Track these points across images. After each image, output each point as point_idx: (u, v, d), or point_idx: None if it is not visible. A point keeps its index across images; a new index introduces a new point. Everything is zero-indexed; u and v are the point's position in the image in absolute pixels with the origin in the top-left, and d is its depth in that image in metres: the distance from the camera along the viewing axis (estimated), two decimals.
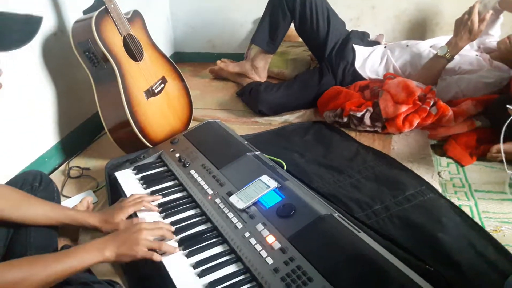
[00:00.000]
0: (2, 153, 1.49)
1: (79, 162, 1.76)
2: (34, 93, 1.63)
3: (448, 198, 1.39)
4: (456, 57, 1.90)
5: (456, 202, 1.38)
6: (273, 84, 2.16)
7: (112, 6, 1.56)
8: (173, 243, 1.07)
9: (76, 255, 0.90)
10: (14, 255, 1.01)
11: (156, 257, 0.99)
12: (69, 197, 1.52)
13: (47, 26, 1.69)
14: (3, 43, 0.74)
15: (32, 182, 1.19)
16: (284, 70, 2.50)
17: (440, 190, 1.43)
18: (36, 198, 1.09)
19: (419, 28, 2.57)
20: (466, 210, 1.34)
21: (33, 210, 1.06)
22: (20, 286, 0.79)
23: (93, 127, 1.96)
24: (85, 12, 1.61)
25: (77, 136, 1.88)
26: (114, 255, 0.95)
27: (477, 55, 2.00)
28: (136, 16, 1.72)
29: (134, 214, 1.19)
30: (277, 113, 2.08)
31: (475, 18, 1.78)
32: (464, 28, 1.81)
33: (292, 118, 2.04)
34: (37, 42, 1.63)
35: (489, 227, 1.28)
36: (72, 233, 1.25)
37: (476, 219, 1.31)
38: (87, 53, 1.56)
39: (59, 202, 1.26)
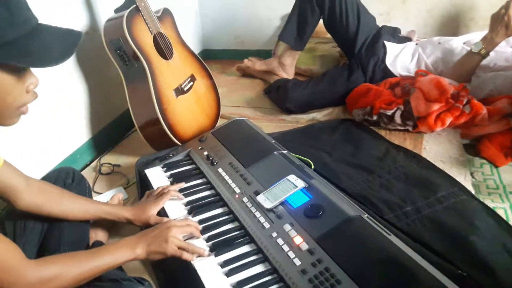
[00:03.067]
0: (36, 150, 1.54)
1: (110, 159, 1.80)
2: (67, 91, 1.67)
3: (482, 200, 1.34)
4: (491, 53, 1.83)
5: (489, 204, 1.34)
6: (301, 82, 2.14)
7: (143, 4, 1.58)
8: (201, 241, 1.08)
9: (108, 253, 0.93)
10: (48, 250, 1.05)
11: (186, 256, 1.00)
12: (100, 193, 1.55)
13: (80, 25, 1.72)
14: (44, 59, 0.73)
15: (65, 178, 1.22)
16: (311, 67, 2.48)
17: (473, 192, 1.39)
18: (72, 194, 1.13)
19: (453, 23, 2.49)
20: (501, 212, 1.30)
21: (73, 205, 1.10)
22: (54, 282, 0.81)
23: (123, 124, 2.00)
24: (116, 11, 1.64)
25: (108, 133, 1.92)
26: (144, 252, 0.97)
27: None
28: (166, 14, 1.74)
29: (163, 209, 1.22)
30: (304, 110, 2.07)
31: None
32: (501, 23, 1.75)
33: (320, 116, 2.02)
34: None
35: None
36: (105, 228, 1.28)
37: (511, 222, 1.26)
38: (118, 51, 1.59)
39: (90, 198, 1.29)
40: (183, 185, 1.32)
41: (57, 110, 1.62)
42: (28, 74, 0.77)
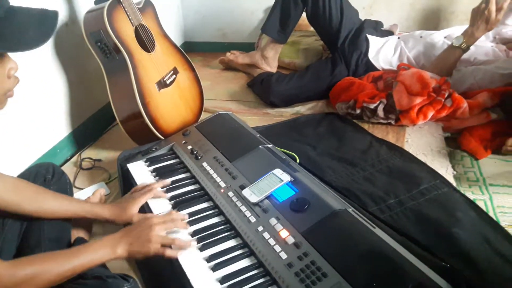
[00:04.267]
0: (15, 145, 1.50)
1: (91, 153, 1.77)
2: (45, 84, 1.63)
3: (463, 192, 1.37)
4: (472, 47, 1.86)
5: (470, 196, 1.36)
6: (285, 75, 2.14)
7: None
8: (186, 236, 1.07)
9: (88, 252, 0.91)
10: (28, 247, 1.02)
11: (170, 252, 0.99)
12: (82, 188, 1.52)
13: (59, 17, 1.67)
14: (20, 42, 0.72)
15: (45, 174, 1.19)
16: (295, 60, 2.48)
17: (454, 184, 1.41)
18: (51, 192, 1.09)
19: (434, 17, 2.52)
20: (481, 204, 1.33)
21: (49, 203, 1.06)
22: (32, 282, 0.79)
23: (104, 118, 1.96)
24: (96, 2, 1.60)
25: (89, 127, 1.89)
26: (126, 252, 0.95)
27: (492, 45, 1.96)
28: (148, 6, 1.71)
29: (146, 205, 1.19)
30: (288, 104, 2.06)
31: (493, 7, 1.74)
32: (481, 18, 1.77)
33: (303, 109, 2.02)
34: None
35: (504, 222, 1.26)
36: (86, 225, 1.25)
37: (491, 214, 1.29)
38: (99, 43, 1.56)
39: (71, 194, 1.27)
40: (168, 182, 1.29)
41: (36, 104, 1.58)
42: (7, 59, 0.76)
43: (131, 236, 0.98)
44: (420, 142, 1.68)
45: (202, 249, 1.03)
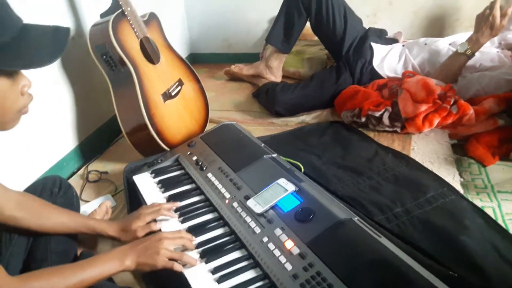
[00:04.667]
0: (22, 158, 1.51)
1: (97, 166, 1.78)
2: (52, 97, 1.65)
3: (470, 200, 1.35)
4: (477, 54, 1.85)
5: (478, 203, 1.35)
6: (290, 85, 2.14)
7: (129, 9, 1.56)
8: (194, 254, 1.06)
9: (96, 265, 0.91)
10: (35, 262, 1.02)
11: (177, 267, 0.98)
12: (88, 201, 1.53)
13: None
14: (34, 60, 0.73)
15: (51, 187, 1.20)
16: (300, 70, 2.49)
17: (462, 192, 1.40)
18: (54, 207, 1.09)
19: (438, 24, 2.51)
20: (489, 212, 1.31)
21: (51, 219, 1.06)
22: None
23: (110, 130, 1.98)
24: (102, 16, 1.62)
25: (95, 140, 1.90)
26: (134, 264, 0.95)
27: (498, 51, 1.95)
28: (152, 19, 1.73)
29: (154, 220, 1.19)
30: (293, 113, 2.06)
31: (497, 13, 1.73)
32: (486, 24, 1.76)
33: (309, 118, 2.02)
34: None
35: None
36: (91, 240, 1.26)
37: (500, 221, 1.27)
38: (104, 56, 1.57)
39: (78, 206, 1.27)
40: (178, 205, 1.25)
41: (42, 117, 1.59)
42: (20, 77, 0.77)
43: (139, 248, 0.98)
44: (427, 149, 1.67)
45: (207, 261, 1.03)
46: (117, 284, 1.01)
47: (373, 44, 2.10)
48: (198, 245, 1.08)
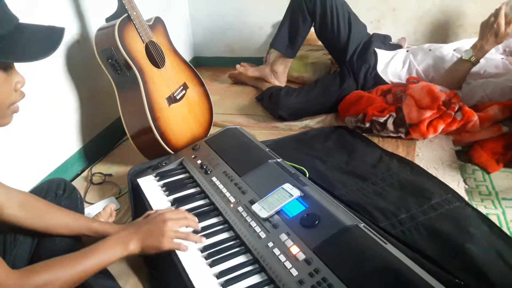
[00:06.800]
0: (26, 160, 1.51)
1: (101, 168, 1.78)
2: (57, 100, 1.65)
3: (475, 207, 1.35)
4: (481, 60, 1.85)
5: (483, 210, 1.34)
6: (293, 89, 2.14)
7: (135, 13, 1.57)
8: (195, 251, 1.06)
9: (98, 252, 0.90)
10: (40, 260, 1.02)
11: (183, 247, 0.97)
12: (92, 203, 1.53)
13: (70, 34, 1.71)
14: (26, 54, 0.76)
15: (56, 190, 1.20)
16: (303, 74, 2.49)
17: (466, 198, 1.40)
18: (58, 208, 1.09)
19: (442, 30, 2.52)
20: (494, 219, 1.30)
21: (54, 220, 1.06)
22: (49, 287, 0.79)
23: (115, 133, 1.98)
24: (107, 20, 1.63)
25: (99, 142, 1.90)
26: (139, 248, 0.95)
27: (502, 58, 1.95)
28: (158, 23, 1.73)
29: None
30: (297, 118, 2.06)
31: (502, 20, 1.74)
32: (490, 31, 1.77)
33: (312, 123, 2.02)
34: (60, 49, 1.66)
35: None
36: (95, 242, 1.25)
37: (504, 229, 1.26)
38: (110, 60, 1.58)
39: (82, 209, 1.27)
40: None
41: (47, 119, 1.60)
42: (14, 73, 0.79)
43: (143, 231, 0.97)
44: (431, 155, 1.67)
45: (212, 265, 1.02)
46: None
47: (377, 49, 2.10)
48: (203, 249, 1.08)
